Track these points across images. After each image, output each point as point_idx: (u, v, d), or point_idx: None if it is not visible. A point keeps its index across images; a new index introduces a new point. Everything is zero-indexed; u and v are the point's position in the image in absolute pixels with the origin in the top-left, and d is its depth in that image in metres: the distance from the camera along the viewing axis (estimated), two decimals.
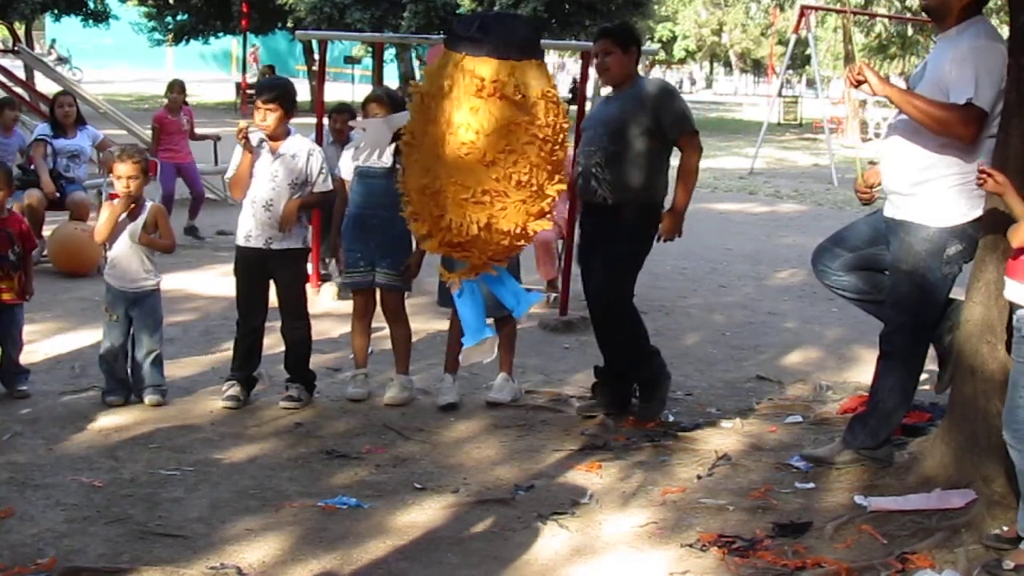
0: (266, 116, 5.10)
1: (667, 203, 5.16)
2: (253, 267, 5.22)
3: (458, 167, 3.65)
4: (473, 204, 3.67)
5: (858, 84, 4.18)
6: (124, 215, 5.12)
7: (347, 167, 5.46)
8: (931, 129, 4.09)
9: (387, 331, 5.64)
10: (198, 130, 10.65)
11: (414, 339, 5.64)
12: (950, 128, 4.04)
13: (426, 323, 6.75)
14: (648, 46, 8.65)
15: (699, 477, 4.51)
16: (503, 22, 3.80)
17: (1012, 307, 3.72)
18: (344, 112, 7.99)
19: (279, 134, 5.16)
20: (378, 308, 5.51)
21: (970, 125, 4.02)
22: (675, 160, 5.11)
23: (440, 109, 3.66)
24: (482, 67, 3.62)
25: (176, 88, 10.04)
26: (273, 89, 5.21)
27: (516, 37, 3.74)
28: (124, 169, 5.07)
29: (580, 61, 7.47)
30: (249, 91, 23.63)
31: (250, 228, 5.18)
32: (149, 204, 5.24)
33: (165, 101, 10.34)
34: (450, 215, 3.69)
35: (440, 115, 3.66)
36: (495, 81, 3.61)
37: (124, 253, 5.16)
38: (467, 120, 3.61)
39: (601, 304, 5.18)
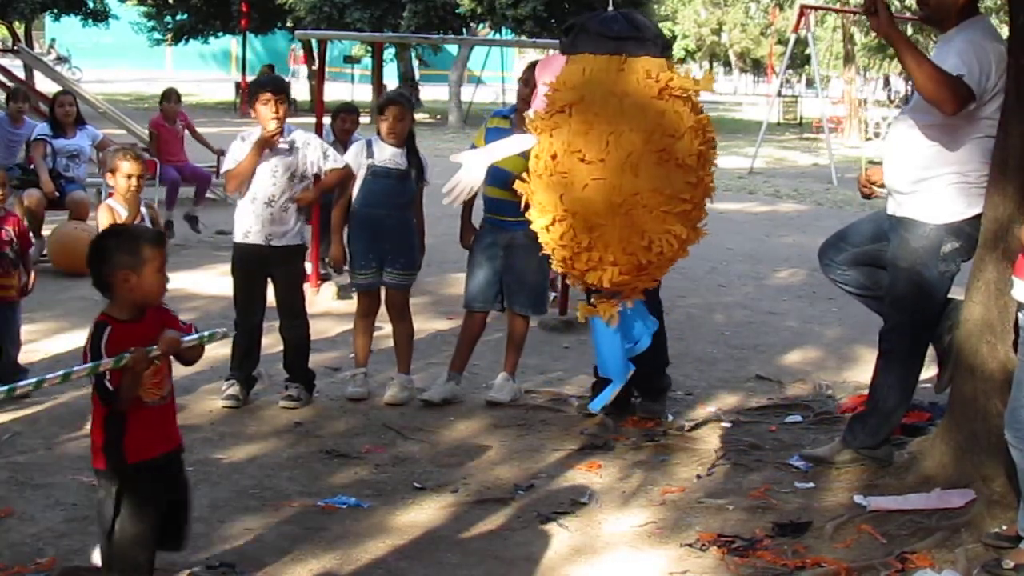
0: (278, 108, 5.08)
1: None
2: (251, 264, 5.21)
3: (655, 175, 3.38)
4: (675, 215, 3.43)
5: (869, 10, 4.03)
6: (126, 215, 5.12)
7: (350, 163, 5.43)
8: (921, 88, 3.99)
9: (387, 330, 5.63)
10: (200, 133, 10.63)
11: (414, 339, 5.63)
12: (939, 92, 3.93)
13: (426, 323, 6.75)
14: None
15: (699, 477, 4.51)
16: (642, 18, 3.53)
17: (1019, 307, 3.70)
18: (352, 112, 7.98)
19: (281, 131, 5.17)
20: (380, 307, 5.51)
21: (955, 99, 3.93)
22: None
23: (615, 118, 3.40)
24: (653, 67, 3.40)
25: (172, 97, 9.99)
26: (280, 83, 5.29)
27: (661, 34, 3.52)
28: (131, 167, 5.08)
29: None
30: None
31: (250, 225, 5.17)
32: (145, 203, 5.26)
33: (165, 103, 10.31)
34: (649, 232, 3.42)
35: (620, 123, 3.40)
36: (671, 80, 3.39)
37: None
38: (657, 123, 3.37)
39: None
